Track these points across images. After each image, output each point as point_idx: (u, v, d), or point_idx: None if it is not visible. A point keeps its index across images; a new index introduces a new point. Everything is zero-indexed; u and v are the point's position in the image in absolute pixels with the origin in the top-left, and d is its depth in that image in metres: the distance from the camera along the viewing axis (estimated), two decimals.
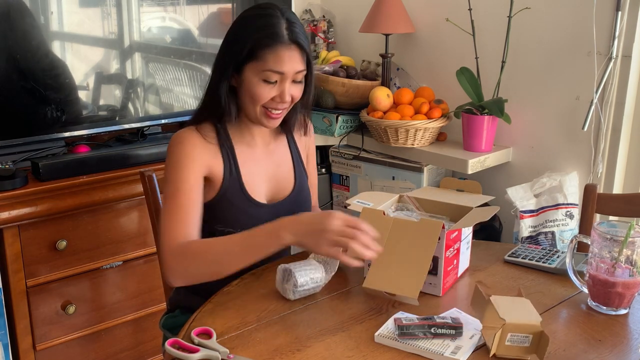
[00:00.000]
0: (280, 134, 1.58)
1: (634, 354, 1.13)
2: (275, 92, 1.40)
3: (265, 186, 1.52)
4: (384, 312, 1.26)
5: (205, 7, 2.33)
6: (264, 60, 1.37)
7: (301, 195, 1.56)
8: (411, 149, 2.24)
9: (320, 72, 2.37)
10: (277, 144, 1.57)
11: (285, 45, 1.37)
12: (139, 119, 2.23)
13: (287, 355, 1.11)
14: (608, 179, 2.05)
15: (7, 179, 1.84)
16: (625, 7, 1.90)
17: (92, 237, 2.02)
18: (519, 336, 1.08)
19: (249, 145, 1.51)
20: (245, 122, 1.49)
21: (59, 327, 2.00)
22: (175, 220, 1.35)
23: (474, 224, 1.37)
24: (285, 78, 1.39)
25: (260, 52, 1.37)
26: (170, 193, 1.38)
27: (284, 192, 1.54)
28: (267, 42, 1.37)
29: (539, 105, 2.15)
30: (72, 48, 2.06)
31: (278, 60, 1.37)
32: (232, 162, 1.46)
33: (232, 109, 1.44)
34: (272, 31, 1.37)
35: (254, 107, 1.42)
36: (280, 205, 1.51)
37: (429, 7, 2.39)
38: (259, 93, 1.39)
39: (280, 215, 1.38)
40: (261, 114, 1.43)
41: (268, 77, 1.38)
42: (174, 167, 1.39)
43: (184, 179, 1.38)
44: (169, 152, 1.42)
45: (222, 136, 1.46)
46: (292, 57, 1.38)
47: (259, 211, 1.47)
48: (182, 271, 1.32)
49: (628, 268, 1.22)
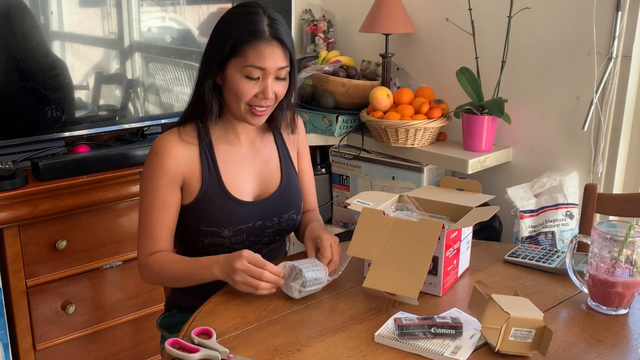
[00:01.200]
0: (267, 132, 1.58)
1: (634, 354, 1.13)
2: (257, 88, 1.41)
3: (250, 184, 1.52)
4: (384, 312, 1.26)
5: (205, 7, 2.33)
6: (245, 56, 1.39)
7: (287, 192, 1.56)
8: (411, 149, 2.24)
9: (320, 72, 2.37)
10: (264, 142, 1.57)
11: (266, 41, 1.39)
12: (138, 119, 2.23)
13: (287, 355, 1.11)
14: (608, 179, 2.05)
15: (7, 179, 1.84)
16: (625, 7, 1.90)
17: (92, 237, 2.02)
18: (522, 331, 1.08)
19: (232, 144, 1.52)
20: (230, 121, 1.50)
21: (59, 327, 2.00)
22: (146, 236, 1.45)
23: (474, 223, 1.37)
24: (267, 74, 1.40)
25: (241, 48, 1.39)
26: (143, 208, 1.46)
27: (270, 189, 1.54)
28: (248, 38, 1.39)
29: (539, 105, 2.15)
30: (72, 48, 2.06)
31: (259, 56, 1.38)
32: (211, 161, 1.47)
33: (214, 106, 1.46)
34: (253, 28, 1.39)
35: (238, 105, 1.43)
36: (265, 202, 1.52)
37: (429, 7, 2.39)
38: (241, 89, 1.41)
39: (266, 212, 1.49)
40: (246, 111, 1.44)
41: (250, 73, 1.40)
42: (148, 181, 1.45)
43: (156, 195, 1.44)
44: (146, 162, 1.47)
45: (202, 136, 1.48)
46: (274, 53, 1.40)
47: (243, 209, 1.48)
48: (148, 280, 1.47)
49: (628, 268, 1.22)
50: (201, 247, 1.49)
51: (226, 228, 1.45)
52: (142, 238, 1.45)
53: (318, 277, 1.31)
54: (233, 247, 1.47)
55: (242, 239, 1.48)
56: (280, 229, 1.53)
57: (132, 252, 2.10)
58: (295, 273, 1.30)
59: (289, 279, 1.30)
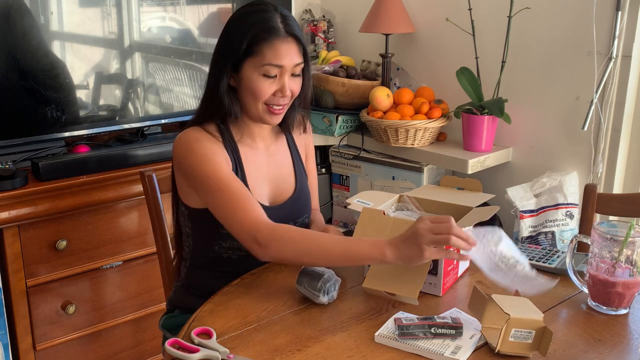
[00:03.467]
0: (279, 134, 1.58)
1: (634, 354, 1.13)
2: (275, 86, 1.40)
3: (267, 188, 1.51)
4: (384, 312, 1.26)
5: (205, 7, 2.33)
6: (262, 54, 1.37)
7: (301, 197, 1.56)
8: (411, 149, 2.24)
9: (320, 72, 2.37)
10: (278, 146, 1.56)
11: (281, 38, 1.38)
12: (139, 119, 2.23)
13: (287, 355, 1.11)
14: (608, 179, 2.05)
15: (7, 179, 1.84)
16: (625, 7, 1.90)
17: (92, 237, 2.02)
18: (522, 332, 1.08)
19: (250, 147, 1.50)
20: (246, 123, 1.49)
21: (59, 327, 2.00)
22: (243, 206, 1.31)
23: (474, 223, 1.37)
24: (284, 71, 1.40)
25: (257, 47, 1.37)
26: (216, 186, 1.34)
27: (285, 194, 1.54)
28: (264, 36, 1.37)
29: (539, 105, 2.15)
30: (72, 48, 2.06)
31: (276, 53, 1.37)
32: (238, 163, 1.45)
33: (235, 108, 1.44)
34: (268, 25, 1.37)
35: (256, 105, 1.42)
36: (282, 208, 1.51)
37: (429, 7, 2.39)
38: (260, 89, 1.39)
39: (282, 218, 1.38)
40: (263, 110, 1.43)
41: (268, 72, 1.38)
42: (204, 162, 1.36)
43: (221, 169, 1.36)
44: (189, 151, 1.38)
45: (226, 137, 1.45)
46: (290, 50, 1.39)
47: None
48: (279, 252, 1.28)
49: (628, 268, 1.22)
50: (216, 251, 1.46)
51: None
52: (242, 210, 1.30)
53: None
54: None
55: None
56: None
57: (132, 252, 2.10)
58: (327, 279, 1.26)
59: (318, 284, 1.25)
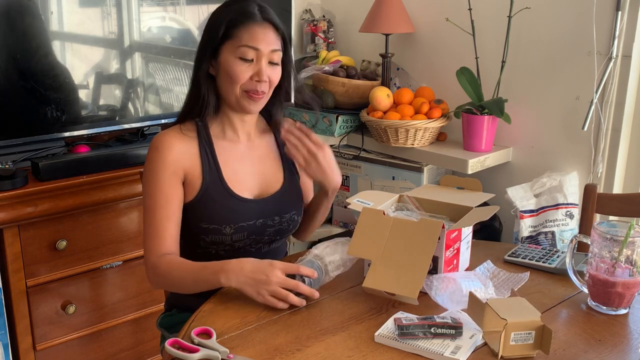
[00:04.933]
0: (267, 132, 1.59)
1: (634, 354, 1.13)
2: (252, 70, 1.43)
3: (251, 182, 1.52)
4: (384, 312, 1.26)
5: (205, 7, 2.33)
6: (238, 37, 1.42)
7: (289, 192, 1.56)
8: (411, 149, 2.24)
9: (320, 72, 2.37)
10: (262, 139, 1.57)
11: (258, 22, 1.43)
12: (139, 118, 2.23)
13: (287, 355, 1.11)
14: (608, 179, 2.05)
15: (7, 179, 1.84)
16: (625, 7, 1.91)
17: (92, 237, 2.01)
18: (522, 334, 1.08)
19: (231, 141, 1.52)
20: (228, 116, 1.51)
21: (59, 327, 2.00)
22: (153, 235, 1.42)
23: (474, 223, 1.37)
24: (261, 55, 1.43)
25: (234, 31, 1.43)
26: (148, 206, 1.44)
27: (272, 188, 1.54)
28: (241, 19, 1.43)
29: (539, 105, 2.15)
30: (72, 48, 2.06)
31: (252, 36, 1.42)
32: (211, 158, 1.47)
33: (210, 98, 1.47)
34: (245, 10, 1.44)
35: (233, 90, 1.44)
36: (267, 201, 1.52)
37: (429, 7, 2.39)
38: (236, 71, 1.42)
39: (267, 211, 1.48)
40: (242, 96, 1.45)
41: (244, 54, 1.42)
42: (150, 177, 1.44)
43: (160, 191, 1.43)
44: (146, 158, 1.47)
45: (201, 133, 1.48)
46: (267, 35, 1.43)
47: (244, 206, 1.48)
48: (155, 282, 1.45)
49: (628, 268, 1.22)
50: (202, 246, 1.49)
51: (228, 225, 1.45)
52: (149, 237, 1.42)
53: (334, 259, 1.36)
54: (234, 245, 1.48)
55: (244, 237, 1.48)
56: (281, 229, 1.54)
57: (132, 252, 2.10)
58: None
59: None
